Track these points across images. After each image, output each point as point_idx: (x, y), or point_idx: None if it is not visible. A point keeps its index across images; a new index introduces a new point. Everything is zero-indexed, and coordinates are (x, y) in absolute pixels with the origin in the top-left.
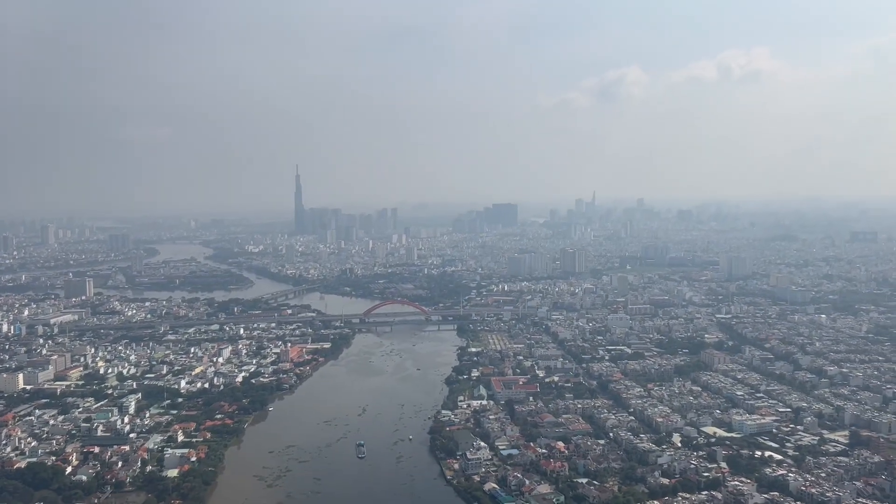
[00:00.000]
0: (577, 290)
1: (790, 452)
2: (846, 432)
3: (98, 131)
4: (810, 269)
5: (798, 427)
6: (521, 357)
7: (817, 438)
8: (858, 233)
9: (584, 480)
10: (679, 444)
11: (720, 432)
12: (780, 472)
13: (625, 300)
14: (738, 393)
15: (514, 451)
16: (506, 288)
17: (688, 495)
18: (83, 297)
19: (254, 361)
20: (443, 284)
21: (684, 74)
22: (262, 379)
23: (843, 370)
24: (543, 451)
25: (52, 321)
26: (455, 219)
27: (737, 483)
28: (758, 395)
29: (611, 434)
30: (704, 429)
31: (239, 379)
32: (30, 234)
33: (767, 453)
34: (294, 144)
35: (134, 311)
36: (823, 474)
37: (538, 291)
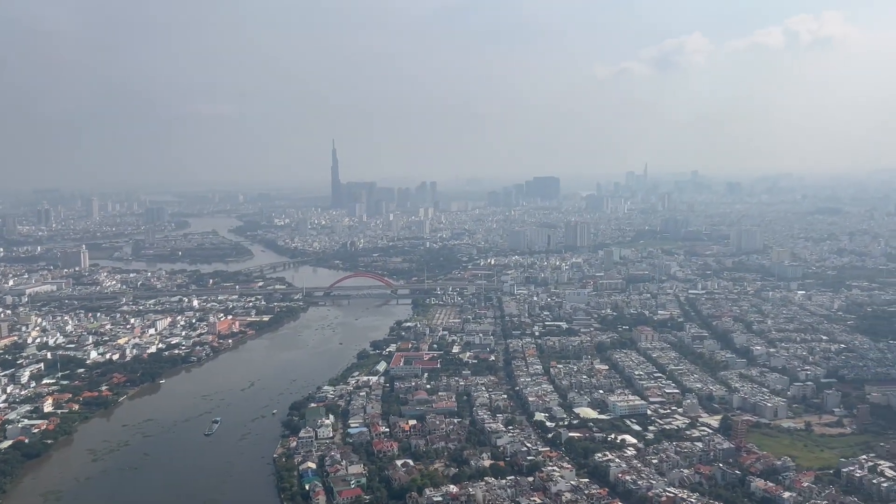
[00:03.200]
0: (563, 265)
1: (649, 436)
2: (731, 415)
3: (166, 107)
4: (828, 242)
5: (678, 409)
6: (446, 332)
7: (688, 422)
8: None
9: (401, 462)
10: (529, 425)
11: (592, 413)
12: (609, 457)
13: (603, 275)
14: (637, 372)
15: (362, 430)
16: (493, 262)
17: (493, 479)
18: (76, 269)
19: (183, 333)
20: (435, 258)
21: (749, 41)
22: (176, 351)
23: (771, 350)
24: (386, 430)
25: (28, 291)
26: (489, 192)
27: (554, 468)
28: (656, 374)
29: (473, 413)
30: (577, 409)
31: (152, 350)
32: (82, 208)
33: (622, 437)
34: (348, 121)
35: (113, 283)
36: (656, 460)
37: (525, 265)
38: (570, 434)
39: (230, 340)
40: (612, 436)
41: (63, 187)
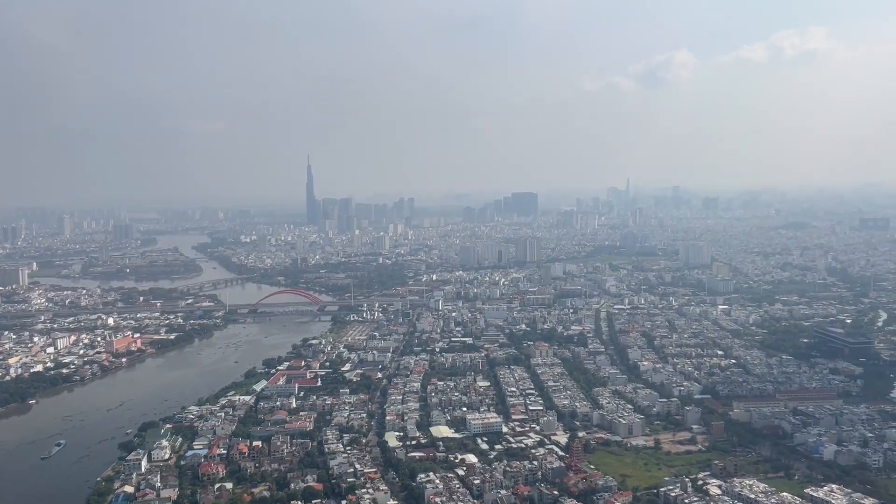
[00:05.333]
0: (501, 281)
1: (492, 455)
2: (581, 433)
3: (157, 124)
4: (777, 257)
5: (535, 427)
6: (345, 350)
7: (539, 440)
8: (868, 220)
9: (217, 486)
10: (375, 445)
11: (446, 432)
12: (428, 478)
13: (536, 290)
14: (512, 389)
15: (200, 452)
16: (435, 278)
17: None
18: (13, 286)
19: (80, 352)
20: (381, 274)
21: (734, 57)
22: (62, 370)
23: (658, 366)
24: (223, 452)
25: None
26: (464, 208)
27: (369, 491)
28: (529, 391)
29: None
30: (433, 428)
31: (38, 369)
32: (56, 225)
33: (464, 456)
34: (332, 137)
35: (41, 301)
36: (478, 481)
37: (466, 281)
38: (413, 454)
39: (124, 359)
40: (454, 455)
41: (47, 205)
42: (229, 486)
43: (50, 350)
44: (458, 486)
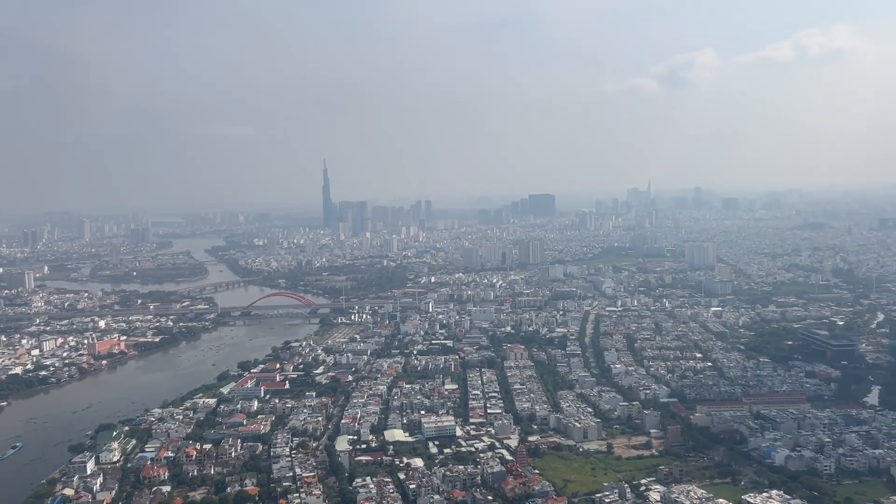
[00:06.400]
0: (498, 283)
1: (438, 459)
2: (535, 437)
3: (184, 129)
4: (785, 258)
5: (490, 430)
6: (322, 352)
7: (490, 443)
8: (888, 220)
9: (154, 489)
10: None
11: (400, 436)
12: (362, 483)
13: (529, 292)
14: (475, 392)
15: (149, 455)
16: (433, 280)
17: None
18: (19, 289)
19: (64, 354)
20: (382, 276)
21: (758, 56)
22: (40, 372)
23: (630, 368)
24: (171, 454)
25: None
26: (479, 210)
27: (301, 495)
28: (493, 394)
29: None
30: (387, 432)
31: (16, 371)
32: (77, 230)
33: (411, 461)
34: (353, 140)
35: (41, 304)
36: (414, 485)
37: (464, 283)
38: (360, 458)
39: (104, 362)
40: (400, 459)
41: (74, 210)
42: (167, 489)
43: (35, 352)
44: (392, 490)
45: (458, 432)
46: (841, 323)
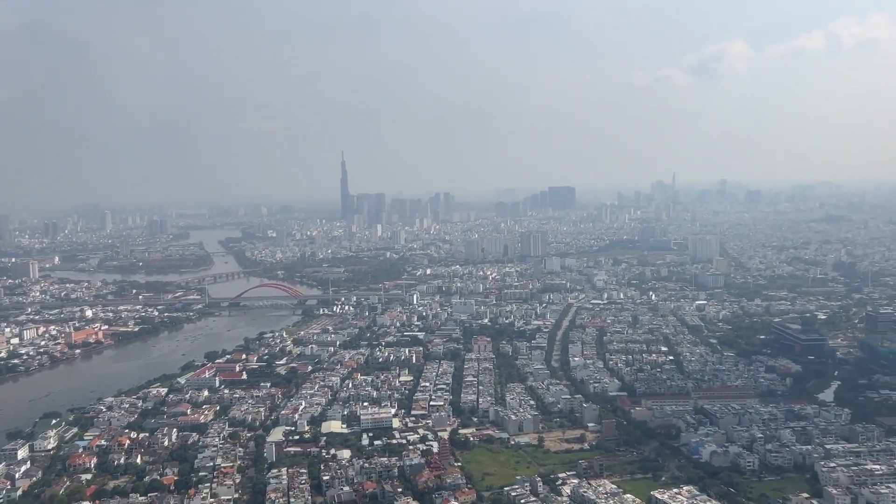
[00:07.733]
0: (492, 275)
1: (367, 450)
2: (471, 430)
3: (213, 124)
4: (791, 251)
5: (428, 422)
6: (290, 343)
7: (423, 435)
8: None
9: (73, 477)
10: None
11: (336, 427)
12: (275, 474)
13: (518, 284)
14: (424, 384)
15: (83, 443)
16: (429, 272)
17: (140, 497)
18: (22, 279)
19: (42, 343)
20: (381, 268)
21: (790, 46)
22: (14, 360)
23: (588, 362)
24: (103, 443)
25: None
26: (497, 203)
27: (212, 485)
28: (441, 386)
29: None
30: (324, 424)
31: None
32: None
33: (338, 452)
34: (375, 132)
35: (37, 294)
36: (327, 477)
37: (457, 275)
38: (290, 449)
39: (78, 351)
40: (328, 451)
41: (102, 203)
42: (87, 477)
43: (15, 341)
44: (304, 482)
45: (396, 424)
46: (823, 317)
